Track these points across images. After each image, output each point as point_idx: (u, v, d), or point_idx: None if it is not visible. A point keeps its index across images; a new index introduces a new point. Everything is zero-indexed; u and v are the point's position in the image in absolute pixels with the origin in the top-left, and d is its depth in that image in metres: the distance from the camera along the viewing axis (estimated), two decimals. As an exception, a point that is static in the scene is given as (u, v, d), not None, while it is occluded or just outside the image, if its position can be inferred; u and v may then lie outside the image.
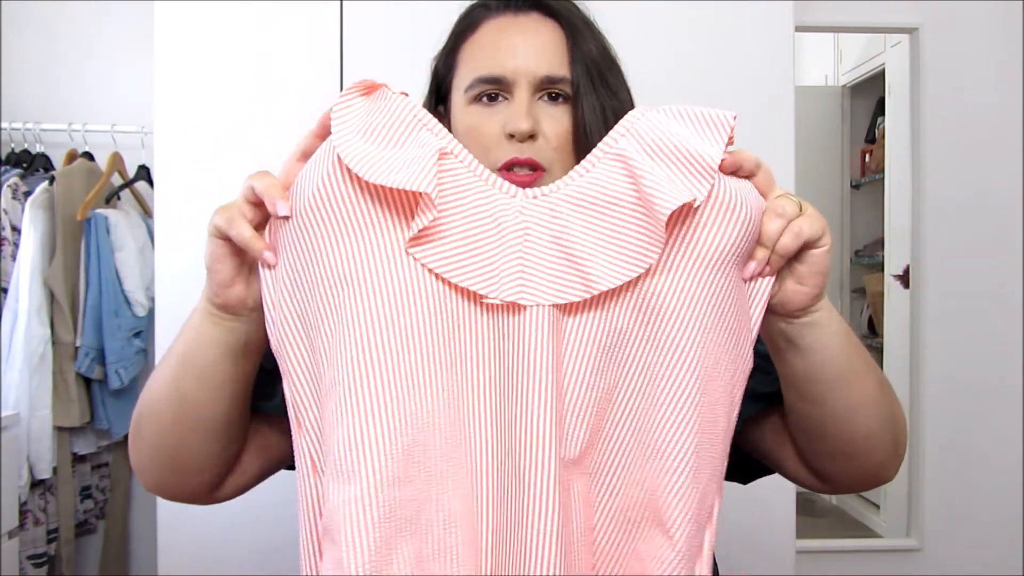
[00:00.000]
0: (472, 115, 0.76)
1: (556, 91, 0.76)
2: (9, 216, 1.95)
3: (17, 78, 2.20)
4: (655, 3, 1.64)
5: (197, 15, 1.62)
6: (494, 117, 0.75)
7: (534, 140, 0.74)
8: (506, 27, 0.77)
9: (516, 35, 0.76)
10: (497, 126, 0.74)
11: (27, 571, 1.88)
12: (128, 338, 2.00)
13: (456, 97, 0.79)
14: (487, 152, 0.74)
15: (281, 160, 0.68)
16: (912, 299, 2.23)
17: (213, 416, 0.71)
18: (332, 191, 0.61)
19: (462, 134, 0.76)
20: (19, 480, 1.83)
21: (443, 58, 0.83)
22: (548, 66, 0.75)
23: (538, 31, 0.77)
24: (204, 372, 0.69)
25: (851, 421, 0.69)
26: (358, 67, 1.64)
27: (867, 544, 2.32)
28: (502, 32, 0.77)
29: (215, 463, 0.75)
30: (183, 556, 1.59)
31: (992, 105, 2.16)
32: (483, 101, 0.76)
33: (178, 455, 0.73)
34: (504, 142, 0.74)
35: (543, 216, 0.62)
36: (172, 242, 1.62)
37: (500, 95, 0.75)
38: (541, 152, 0.74)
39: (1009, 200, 2.17)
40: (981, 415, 2.17)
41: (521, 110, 0.74)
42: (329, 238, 0.61)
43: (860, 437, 0.70)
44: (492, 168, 0.72)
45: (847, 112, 2.71)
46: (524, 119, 0.73)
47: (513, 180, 0.69)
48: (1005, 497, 2.16)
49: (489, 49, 0.77)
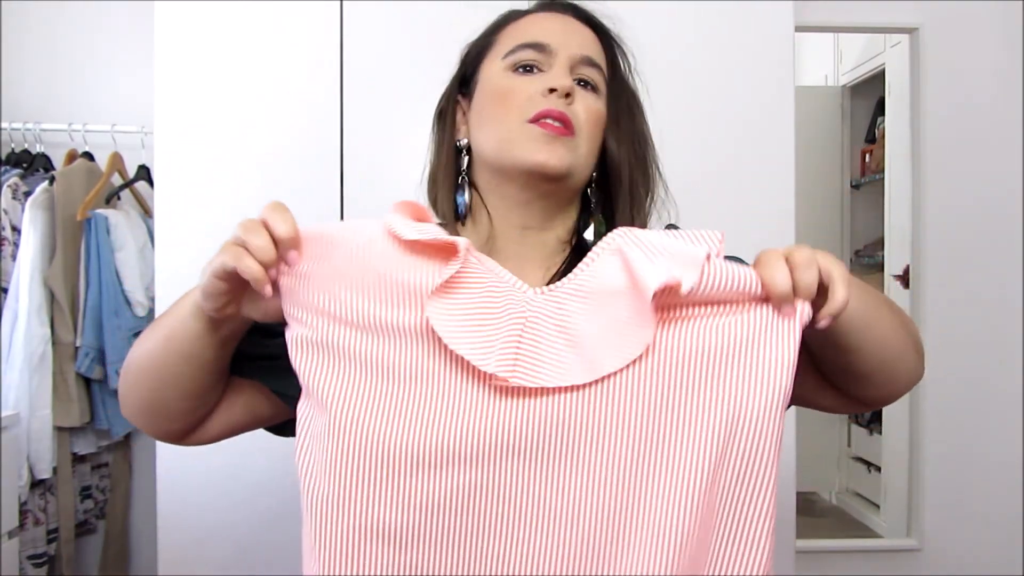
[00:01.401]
0: (508, 79, 0.78)
1: (588, 79, 0.79)
2: (9, 216, 1.95)
3: (17, 78, 2.20)
4: (655, 3, 1.64)
5: (197, 15, 1.62)
6: (531, 83, 0.77)
7: (570, 101, 0.76)
8: (549, 18, 0.81)
9: (559, 23, 0.81)
10: (533, 88, 0.76)
11: (27, 571, 1.88)
12: (128, 338, 2.00)
13: (490, 67, 0.80)
14: (521, 107, 0.75)
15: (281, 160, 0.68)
16: (912, 299, 2.23)
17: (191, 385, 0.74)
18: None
19: (494, 97, 0.78)
20: (19, 480, 1.83)
21: (477, 44, 0.85)
22: (589, 50, 0.79)
23: (579, 27, 0.82)
24: (184, 351, 0.71)
25: (884, 350, 0.71)
26: (358, 67, 1.64)
27: (867, 544, 2.31)
28: (545, 19, 0.81)
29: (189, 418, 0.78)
30: (183, 556, 1.59)
31: (992, 105, 2.16)
32: (520, 71, 0.78)
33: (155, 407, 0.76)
34: (539, 98, 0.75)
35: (549, 307, 0.66)
36: (172, 242, 1.62)
37: (537, 67, 0.78)
38: (574, 116, 0.76)
39: (1009, 200, 2.17)
40: (981, 415, 2.17)
41: (561, 71, 0.77)
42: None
43: (894, 358, 0.72)
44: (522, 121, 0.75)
45: (847, 112, 2.71)
46: (565, 76, 0.76)
47: (546, 127, 0.73)
48: (1005, 497, 2.16)
49: (534, 26, 0.80)
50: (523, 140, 0.75)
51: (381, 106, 1.64)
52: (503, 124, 0.76)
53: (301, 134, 1.62)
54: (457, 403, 0.63)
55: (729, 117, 1.67)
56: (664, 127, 0.89)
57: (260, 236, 0.63)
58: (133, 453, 2.22)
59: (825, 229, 2.63)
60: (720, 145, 1.66)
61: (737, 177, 1.66)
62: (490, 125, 0.78)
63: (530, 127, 0.74)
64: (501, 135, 0.76)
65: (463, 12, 1.68)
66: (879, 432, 2.50)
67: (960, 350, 2.15)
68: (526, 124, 0.74)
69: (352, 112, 1.64)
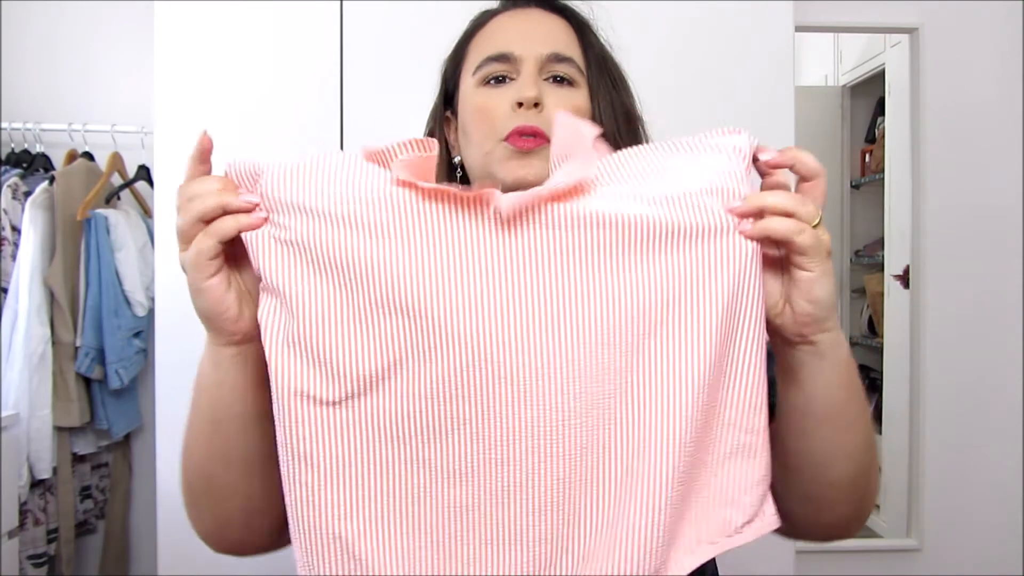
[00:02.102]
0: (481, 95, 0.78)
1: (562, 74, 0.78)
2: (9, 216, 1.95)
3: (17, 78, 2.20)
4: (656, 3, 1.64)
5: (197, 15, 1.62)
6: (503, 95, 0.77)
7: (539, 110, 0.75)
8: (513, 17, 0.81)
9: (523, 21, 0.80)
10: (506, 102, 0.76)
11: (27, 571, 1.88)
12: (128, 338, 2.00)
13: (465, 84, 0.80)
14: (495, 126, 0.76)
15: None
16: (912, 299, 2.23)
17: (252, 452, 0.69)
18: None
19: (471, 116, 0.78)
20: (19, 480, 1.83)
21: (451, 59, 0.85)
22: (555, 46, 0.78)
23: (544, 20, 0.80)
24: (227, 407, 0.67)
25: (830, 466, 0.66)
26: (358, 67, 1.64)
27: (867, 544, 2.31)
28: (510, 20, 0.81)
29: (267, 504, 0.70)
30: (183, 556, 1.59)
31: (992, 105, 2.16)
32: (491, 84, 0.78)
33: (230, 504, 0.72)
34: (511, 113, 0.75)
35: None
36: (172, 242, 1.61)
37: (507, 77, 0.77)
38: (547, 123, 0.75)
39: (1009, 200, 2.17)
40: (981, 415, 2.17)
41: (528, 81, 0.76)
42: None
43: (835, 485, 0.67)
44: (497, 140, 0.75)
45: (847, 112, 2.71)
46: (531, 87, 0.75)
47: (517, 144, 0.74)
48: (1005, 497, 2.16)
49: (497, 34, 0.80)
50: (501, 159, 0.76)
51: (381, 105, 1.64)
52: (482, 145, 0.77)
53: (301, 134, 1.62)
54: (451, 243, 0.59)
55: (729, 117, 1.67)
56: (664, 127, 0.89)
57: (204, 200, 0.62)
58: (133, 453, 2.22)
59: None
60: (720, 145, 1.66)
61: (737, 177, 1.66)
62: (472, 146, 0.79)
63: (505, 145, 0.75)
64: (482, 155, 0.77)
65: (463, 12, 1.68)
66: (879, 432, 2.50)
67: (960, 350, 2.15)
68: (501, 143, 0.75)
69: (352, 112, 1.64)
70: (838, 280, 2.77)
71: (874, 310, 2.61)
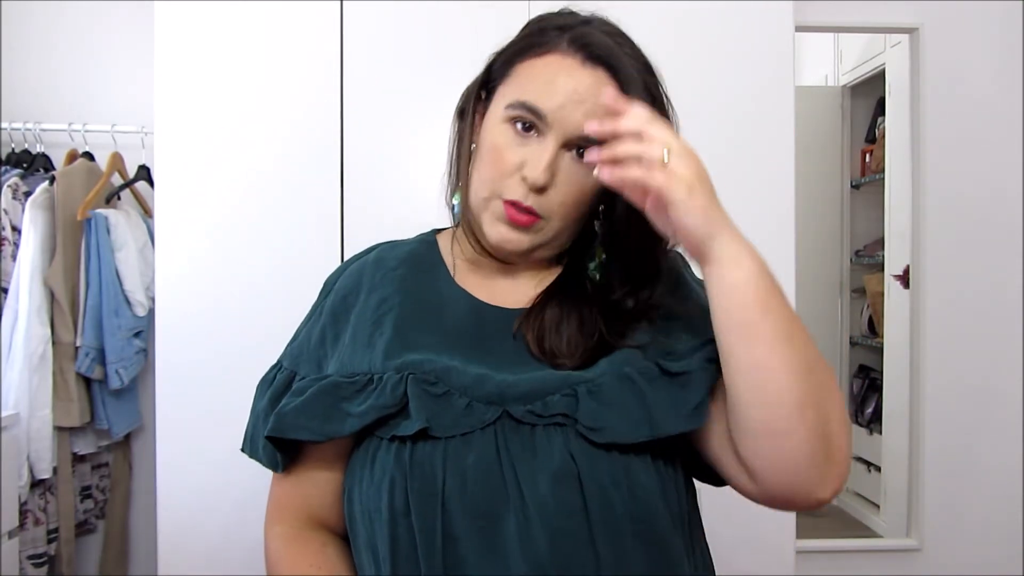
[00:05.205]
0: (502, 135, 0.75)
1: (585, 147, 0.73)
2: (9, 216, 1.95)
3: (17, 78, 2.20)
4: (656, 3, 1.64)
5: (197, 15, 1.62)
6: (520, 149, 0.74)
7: (543, 192, 0.74)
8: (570, 70, 0.74)
9: (575, 82, 0.74)
10: (518, 159, 0.74)
11: (27, 571, 1.88)
12: (128, 338, 2.00)
13: (496, 107, 0.77)
14: (501, 178, 0.75)
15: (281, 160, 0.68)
16: (912, 299, 2.23)
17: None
18: None
19: (487, 148, 0.77)
20: (19, 480, 1.83)
21: (502, 60, 0.80)
22: (589, 123, 0.71)
23: (592, 86, 0.73)
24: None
25: (764, 386, 0.66)
26: (358, 67, 1.64)
27: (867, 544, 2.31)
28: (563, 72, 0.74)
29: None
30: (183, 556, 1.59)
31: (992, 105, 2.16)
32: (517, 127, 0.75)
33: None
34: (517, 179, 0.74)
35: None
36: (172, 242, 1.62)
37: (534, 128, 0.74)
38: (545, 205, 0.74)
39: (1009, 200, 2.17)
40: (981, 415, 2.17)
41: (544, 159, 0.73)
42: None
43: (778, 407, 0.66)
44: (496, 195, 0.75)
45: (847, 112, 2.71)
46: (543, 172, 0.73)
47: (509, 214, 0.74)
48: (1005, 497, 2.16)
49: (542, 80, 0.75)
50: (493, 215, 0.75)
51: (381, 106, 1.64)
52: (483, 186, 0.76)
53: (301, 134, 1.62)
54: None
55: (729, 117, 1.67)
56: (664, 127, 0.89)
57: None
58: (133, 453, 2.22)
59: (825, 229, 2.63)
60: (720, 145, 1.66)
61: (737, 177, 1.65)
62: (478, 175, 0.78)
63: (498, 204, 0.75)
64: (482, 195, 0.77)
65: (462, 12, 1.68)
66: (879, 432, 2.50)
67: (960, 350, 2.15)
68: (498, 199, 0.75)
69: (352, 112, 1.64)
70: (838, 280, 2.78)
71: (874, 310, 2.61)
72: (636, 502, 0.69)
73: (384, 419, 0.71)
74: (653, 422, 0.70)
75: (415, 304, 0.79)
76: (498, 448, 0.69)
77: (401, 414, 0.71)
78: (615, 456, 0.69)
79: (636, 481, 0.69)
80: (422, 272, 0.82)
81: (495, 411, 0.70)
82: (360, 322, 0.78)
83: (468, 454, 0.69)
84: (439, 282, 0.81)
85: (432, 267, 0.83)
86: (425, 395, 0.71)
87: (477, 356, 0.75)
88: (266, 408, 0.78)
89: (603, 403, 0.70)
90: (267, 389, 0.80)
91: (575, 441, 0.69)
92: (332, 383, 0.74)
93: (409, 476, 0.69)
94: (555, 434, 0.70)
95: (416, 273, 0.82)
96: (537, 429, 0.70)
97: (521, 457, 0.69)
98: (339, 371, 0.75)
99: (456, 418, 0.70)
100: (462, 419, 0.70)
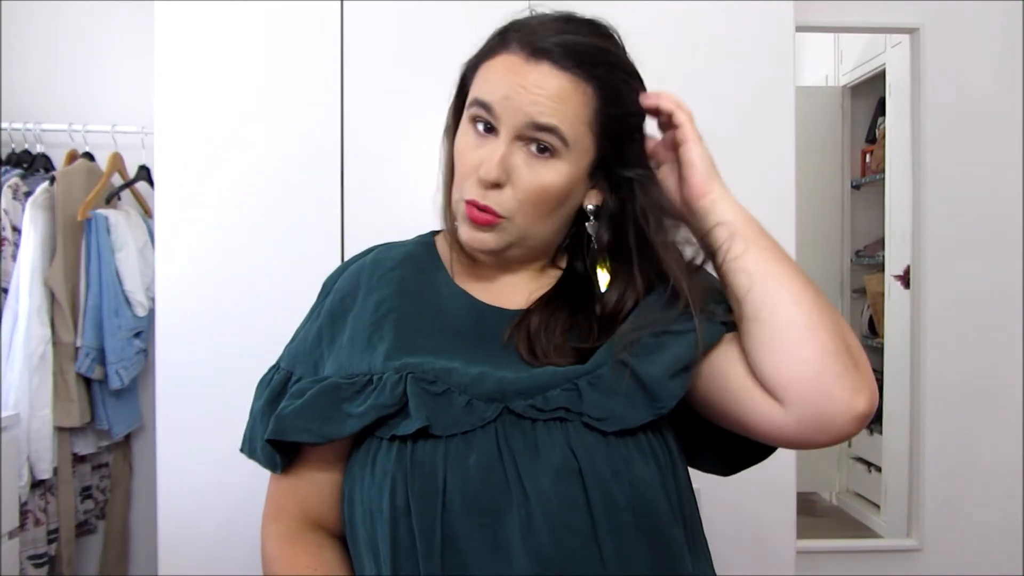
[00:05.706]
0: (466, 138, 0.77)
1: (544, 142, 0.73)
2: (9, 216, 1.95)
3: (17, 78, 2.20)
4: (656, 3, 1.64)
5: (197, 15, 1.62)
6: (479, 150, 0.75)
7: (500, 188, 0.74)
8: (515, 65, 0.74)
9: (518, 75, 0.74)
10: (477, 159, 0.75)
11: (27, 571, 1.88)
12: (128, 338, 2.00)
13: (467, 108, 0.78)
14: (463, 180, 0.76)
15: (281, 160, 0.68)
16: (912, 299, 2.23)
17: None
18: None
19: (456, 151, 0.78)
20: (19, 480, 1.83)
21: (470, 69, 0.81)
22: (538, 112, 0.72)
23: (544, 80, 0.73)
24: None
25: (774, 280, 0.73)
26: (358, 67, 1.64)
27: (867, 544, 2.31)
28: (509, 67, 0.75)
29: None
30: (183, 556, 1.59)
31: (992, 105, 2.16)
32: (478, 128, 0.75)
33: None
34: (475, 179, 0.74)
35: None
36: (172, 242, 1.62)
37: (494, 129, 0.74)
38: (504, 203, 0.74)
39: (1009, 200, 2.17)
40: (981, 415, 2.17)
41: (495, 156, 0.73)
42: None
43: (789, 304, 0.71)
44: (460, 197, 0.76)
45: (847, 112, 2.70)
46: (493, 168, 0.73)
47: (469, 214, 0.75)
48: (1005, 497, 2.16)
49: (491, 76, 0.76)
50: (461, 216, 0.77)
51: (381, 106, 1.64)
52: (455, 190, 0.78)
53: (301, 134, 1.62)
54: None
55: (729, 117, 1.67)
56: (664, 127, 0.89)
57: None
58: (133, 453, 2.22)
59: (825, 229, 2.63)
60: (720, 145, 1.64)
61: (737, 177, 1.64)
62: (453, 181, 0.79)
63: (462, 205, 0.76)
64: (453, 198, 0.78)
65: (463, 12, 1.68)
66: (879, 432, 2.50)
67: (960, 350, 2.15)
68: (463, 200, 0.76)
69: (352, 112, 1.64)
70: (838, 280, 2.78)
71: (874, 310, 2.61)
72: (637, 495, 0.69)
73: (384, 419, 0.71)
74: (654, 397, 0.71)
75: (414, 305, 0.79)
76: (499, 445, 0.70)
77: (401, 414, 0.71)
78: (616, 450, 0.70)
79: (636, 474, 0.70)
80: (420, 273, 0.82)
81: (495, 408, 0.71)
82: (358, 324, 0.78)
83: (469, 453, 0.69)
84: (438, 283, 0.82)
85: (431, 268, 0.83)
86: (424, 394, 0.71)
87: (477, 356, 0.75)
88: (263, 409, 0.79)
89: (605, 393, 0.71)
90: (264, 389, 0.80)
91: (575, 436, 0.70)
92: (332, 384, 0.74)
93: (410, 475, 0.69)
94: (555, 429, 0.70)
95: (414, 274, 0.82)
96: (538, 425, 0.70)
97: (523, 453, 0.69)
98: (338, 372, 0.76)
99: (456, 416, 0.70)
100: (462, 417, 0.70)
